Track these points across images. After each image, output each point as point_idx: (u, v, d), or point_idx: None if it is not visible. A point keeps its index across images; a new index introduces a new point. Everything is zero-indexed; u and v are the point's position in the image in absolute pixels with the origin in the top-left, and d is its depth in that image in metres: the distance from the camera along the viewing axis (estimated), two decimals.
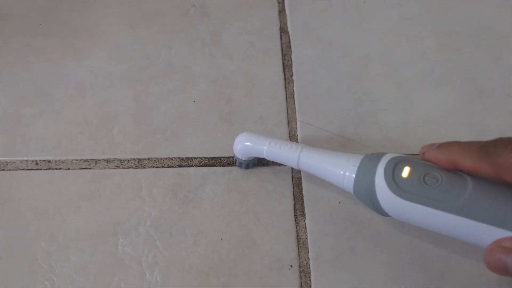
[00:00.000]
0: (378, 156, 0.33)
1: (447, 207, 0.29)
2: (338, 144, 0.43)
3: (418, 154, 0.34)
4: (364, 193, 0.33)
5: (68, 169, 0.41)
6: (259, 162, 0.42)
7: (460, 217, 0.29)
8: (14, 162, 0.41)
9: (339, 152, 0.36)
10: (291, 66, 0.47)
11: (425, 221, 0.31)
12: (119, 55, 0.47)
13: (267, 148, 0.38)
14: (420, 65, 0.48)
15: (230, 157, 0.42)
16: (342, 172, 0.34)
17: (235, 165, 0.42)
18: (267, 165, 0.42)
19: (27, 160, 0.41)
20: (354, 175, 0.33)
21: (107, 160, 0.42)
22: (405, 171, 0.31)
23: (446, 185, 0.30)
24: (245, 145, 0.39)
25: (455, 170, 0.30)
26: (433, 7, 0.53)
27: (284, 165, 0.42)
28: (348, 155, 0.35)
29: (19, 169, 0.41)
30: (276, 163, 0.42)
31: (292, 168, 0.42)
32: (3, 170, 0.41)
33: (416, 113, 0.45)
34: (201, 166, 0.42)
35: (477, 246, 0.30)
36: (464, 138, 0.43)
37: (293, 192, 0.41)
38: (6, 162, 0.41)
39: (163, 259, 0.37)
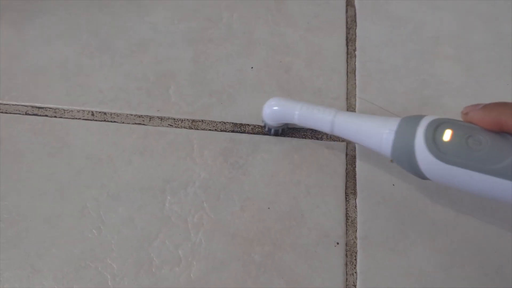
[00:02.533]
0: (417, 118, 0.31)
1: (491, 171, 0.28)
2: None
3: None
4: (402, 157, 0.32)
5: (123, 122, 0.41)
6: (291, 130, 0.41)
7: (505, 180, 0.28)
8: (71, 111, 0.42)
9: (374, 116, 0.35)
10: (355, 41, 0.45)
11: (467, 184, 0.30)
12: (182, 14, 0.47)
13: (298, 113, 0.36)
14: (495, 50, 0.45)
15: (284, 128, 0.41)
16: (379, 135, 0.33)
17: (264, 131, 0.41)
18: (321, 140, 0.41)
19: (83, 110, 0.42)
20: (392, 138, 0.32)
21: (161, 118, 0.41)
22: (447, 134, 0.30)
23: (490, 148, 0.28)
24: (274, 109, 0.38)
25: (500, 132, 0.29)
26: None
27: (339, 141, 0.40)
28: (385, 118, 0.33)
29: (76, 118, 0.41)
30: (331, 137, 0.40)
31: (347, 145, 0.40)
32: (61, 117, 0.41)
33: (486, 100, 0.42)
34: (254, 133, 0.41)
35: None
36: None
37: (346, 169, 0.39)
38: (64, 110, 0.42)
39: (209, 221, 0.37)
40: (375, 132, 0.33)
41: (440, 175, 0.30)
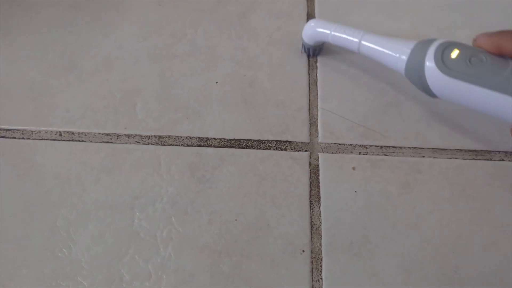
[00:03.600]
0: (431, 40, 0.36)
1: (488, 84, 0.32)
2: (359, 133, 0.43)
3: (441, 149, 0.33)
4: (414, 73, 0.36)
5: (91, 141, 0.42)
6: None
7: (501, 93, 0.32)
8: (39, 131, 0.42)
9: (395, 38, 0.39)
10: None
11: (468, 98, 0.34)
12: (146, 31, 0.48)
13: (332, 32, 0.41)
14: None
15: (249, 140, 0.42)
16: (396, 54, 0.38)
17: (303, 51, 0.46)
18: (286, 150, 0.42)
19: (51, 131, 0.42)
20: (406, 57, 0.37)
21: (129, 135, 0.42)
22: (454, 53, 0.34)
23: (489, 65, 0.33)
24: (313, 30, 0.43)
25: (500, 55, 0.33)
26: None
27: (303, 151, 0.42)
28: (404, 40, 0.38)
29: (44, 139, 0.42)
30: (295, 148, 0.42)
31: (310, 155, 0.42)
32: (29, 138, 0.42)
33: (442, 106, 0.44)
34: (220, 147, 0.42)
35: None
36: (489, 134, 0.43)
37: (310, 178, 0.41)
38: (32, 131, 0.42)
39: (178, 235, 0.38)
40: (393, 51, 0.38)
41: (445, 89, 0.35)
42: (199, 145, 0.42)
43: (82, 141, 0.42)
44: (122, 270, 0.37)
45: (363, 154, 0.42)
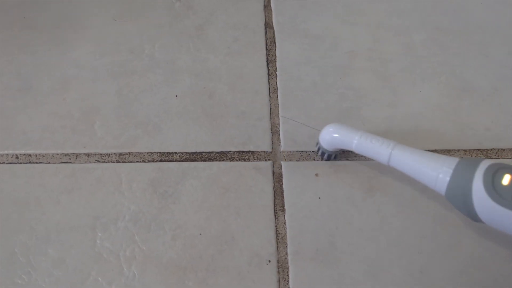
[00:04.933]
0: (476, 161, 0.33)
1: None
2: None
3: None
4: (457, 197, 0.33)
5: (49, 163, 0.41)
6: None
7: None
8: None
9: (432, 153, 0.36)
10: (275, 61, 0.47)
11: None
12: (104, 49, 0.47)
13: (356, 142, 0.38)
14: (407, 60, 0.48)
15: (211, 152, 0.42)
16: (435, 173, 0.34)
17: (317, 155, 0.42)
18: (248, 160, 0.42)
19: (7, 154, 0.41)
20: (448, 178, 0.33)
21: (88, 155, 0.41)
22: (506, 179, 0.31)
23: None
24: (333, 136, 0.39)
25: None
26: (421, 1, 0.52)
27: (266, 160, 0.42)
28: (442, 157, 0.35)
29: (0, 163, 0.41)
30: (258, 157, 0.42)
31: (273, 164, 0.42)
32: None
33: (401, 108, 0.45)
34: (182, 161, 0.41)
35: None
36: (448, 134, 0.43)
37: (274, 187, 0.41)
38: None
39: (141, 254, 0.37)
40: (432, 170, 0.35)
41: (497, 219, 0.32)
42: (161, 160, 0.41)
43: (40, 162, 0.41)
44: None
45: (326, 160, 0.42)
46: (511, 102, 0.46)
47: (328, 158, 0.41)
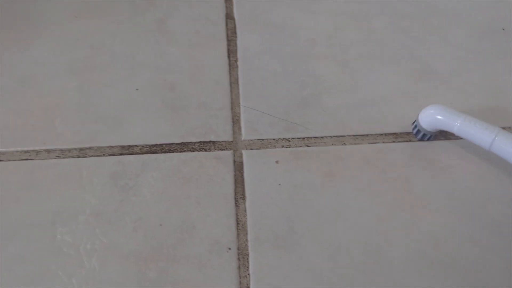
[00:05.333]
0: None
1: None
2: (281, 128, 0.43)
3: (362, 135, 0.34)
4: None
5: (9, 160, 0.41)
6: None
7: None
8: None
9: None
10: (236, 52, 0.47)
11: None
12: (64, 46, 0.47)
13: (459, 125, 0.38)
14: (367, 46, 0.48)
15: (172, 144, 0.42)
16: None
17: (413, 135, 0.43)
18: (209, 150, 0.42)
19: None
20: None
21: (48, 151, 0.42)
22: None
23: None
24: (436, 118, 0.40)
25: None
26: None
27: (227, 150, 0.42)
28: None
29: None
30: (219, 147, 0.42)
31: (234, 153, 0.42)
32: None
33: (362, 93, 0.45)
34: (142, 153, 0.42)
35: None
36: (409, 116, 0.44)
37: (235, 176, 0.41)
38: None
39: (102, 246, 0.37)
40: None
41: None
42: (121, 154, 0.42)
43: (0, 160, 0.41)
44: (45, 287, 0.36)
45: (286, 147, 0.42)
46: (470, 83, 0.46)
47: (423, 138, 0.42)
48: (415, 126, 0.42)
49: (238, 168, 0.41)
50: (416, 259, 0.37)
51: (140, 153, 0.42)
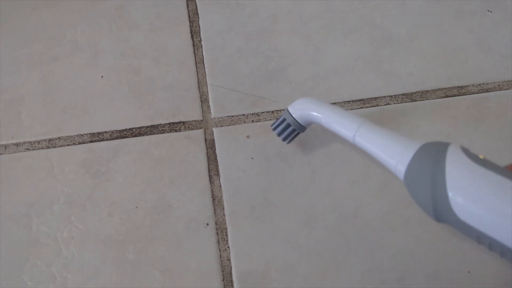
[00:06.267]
0: (442, 145, 0.29)
1: None
2: (249, 103, 0.43)
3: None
4: (416, 182, 0.30)
5: None
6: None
7: None
8: None
9: (396, 134, 0.32)
10: (199, 32, 0.47)
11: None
12: (24, 39, 0.46)
13: (326, 117, 0.36)
14: (328, 17, 0.49)
15: (142, 127, 0.42)
16: (396, 156, 0.31)
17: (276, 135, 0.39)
18: (180, 131, 0.42)
19: None
20: (407, 162, 0.30)
21: (17, 144, 0.41)
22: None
23: None
24: (303, 111, 0.37)
25: None
26: None
27: (197, 129, 0.42)
28: (405, 139, 0.32)
29: None
30: (189, 127, 0.42)
31: (205, 131, 0.42)
32: None
33: (326, 63, 0.46)
34: (113, 139, 0.42)
35: None
36: (374, 82, 0.44)
37: (207, 153, 0.41)
38: None
39: (79, 233, 0.37)
40: (392, 152, 0.32)
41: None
42: (91, 141, 0.41)
43: None
44: (25, 278, 0.36)
45: (256, 121, 0.43)
46: (430, 46, 0.47)
47: (289, 137, 0.39)
48: (281, 122, 0.38)
49: (210, 145, 0.42)
50: (391, 218, 0.38)
51: (110, 139, 0.41)
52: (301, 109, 0.37)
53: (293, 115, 0.37)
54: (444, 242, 0.38)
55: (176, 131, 0.42)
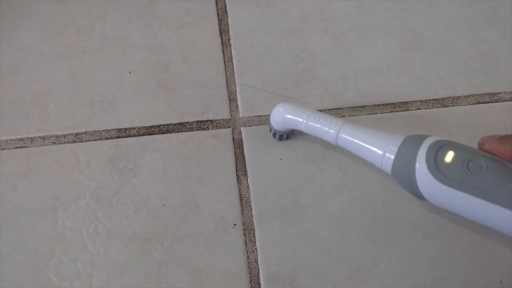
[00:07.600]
0: (421, 138, 0.31)
1: (489, 196, 0.28)
2: (278, 103, 0.43)
3: (360, 107, 0.33)
4: (402, 176, 0.32)
5: (3, 149, 0.40)
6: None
7: (502, 208, 0.28)
8: None
9: (379, 131, 0.34)
10: (228, 30, 0.47)
11: (465, 209, 0.30)
12: (51, 31, 0.46)
13: (305, 122, 0.36)
14: (359, 18, 0.48)
15: (169, 124, 0.41)
16: (381, 152, 0.33)
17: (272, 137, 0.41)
18: (208, 129, 0.41)
19: None
20: (393, 156, 0.32)
21: (43, 137, 0.41)
22: (449, 156, 0.30)
23: (490, 174, 0.28)
24: (283, 116, 0.37)
25: (505, 161, 0.29)
26: None
27: (225, 128, 0.41)
28: (389, 135, 0.34)
29: None
30: (217, 125, 0.41)
31: (232, 130, 0.41)
32: None
33: (356, 65, 0.45)
34: (140, 135, 0.41)
35: None
36: (404, 86, 0.44)
37: (235, 153, 0.40)
38: None
39: (104, 230, 0.37)
40: (377, 148, 0.33)
41: (438, 196, 0.30)
42: (118, 137, 0.41)
43: None
44: (49, 273, 0.35)
45: None
46: (462, 51, 0.46)
47: (280, 139, 0.40)
48: (270, 128, 0.40)
49: (238, 145, 0.41)
50: (422, 224, 0.37)
51: (137, 135, 0.41)
52: (278, 119, 0.38)
53: (273, 125, 0.39)
54: (476, 250, 0.37)
55: (204, 129, 0.41)
